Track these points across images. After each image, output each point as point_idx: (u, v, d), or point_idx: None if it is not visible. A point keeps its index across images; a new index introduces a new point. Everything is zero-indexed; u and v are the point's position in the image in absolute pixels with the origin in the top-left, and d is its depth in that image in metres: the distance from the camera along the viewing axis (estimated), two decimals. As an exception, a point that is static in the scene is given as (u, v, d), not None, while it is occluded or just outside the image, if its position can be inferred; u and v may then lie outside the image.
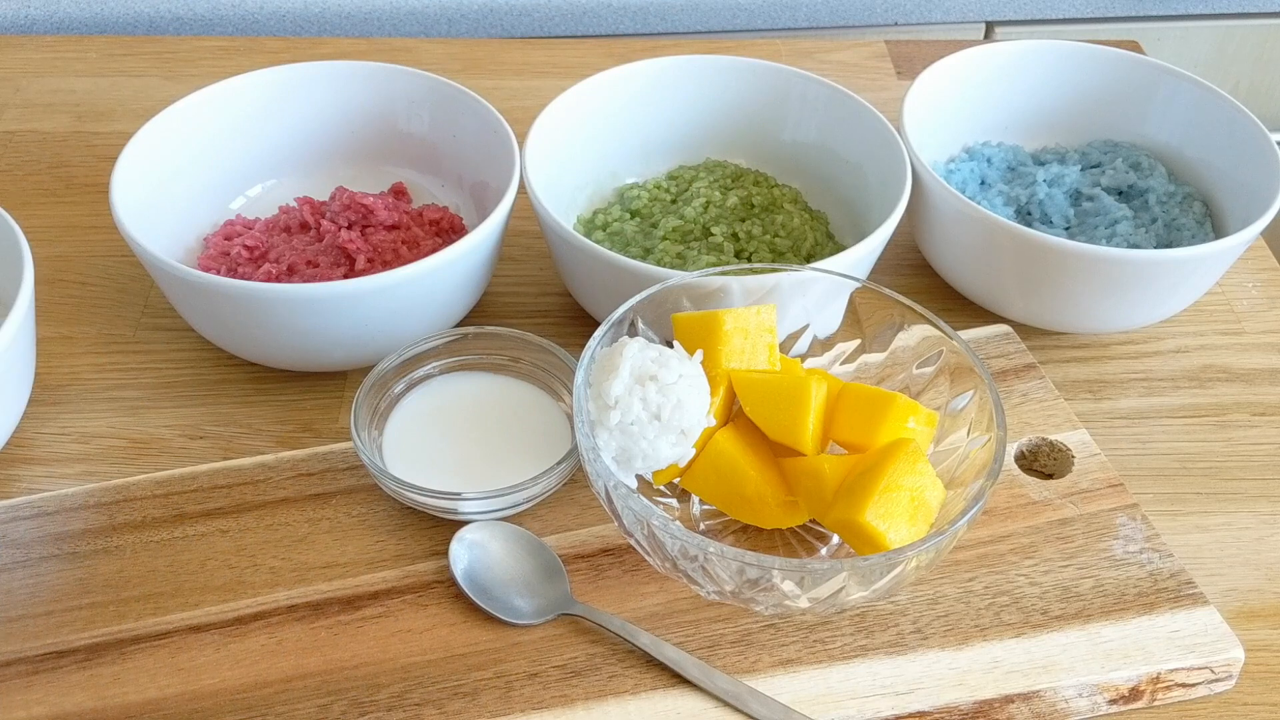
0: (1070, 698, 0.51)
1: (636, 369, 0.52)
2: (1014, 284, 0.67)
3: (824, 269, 0.59)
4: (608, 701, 0.50)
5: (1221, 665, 0.52)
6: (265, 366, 0.68)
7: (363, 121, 0.77)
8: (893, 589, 0.49)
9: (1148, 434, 0.66)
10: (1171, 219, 0.72)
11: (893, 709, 0.50)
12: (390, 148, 0.77)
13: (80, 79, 0.91)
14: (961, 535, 0.49)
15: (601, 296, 0.66)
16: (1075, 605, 0.54)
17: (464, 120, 0.73)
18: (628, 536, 0.51)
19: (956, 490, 0.52)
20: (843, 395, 0.54)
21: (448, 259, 0.61)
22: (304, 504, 0.58)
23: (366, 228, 0.70)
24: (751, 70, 0.77)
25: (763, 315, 0.56)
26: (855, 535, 0.50)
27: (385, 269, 0.66)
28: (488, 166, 0.71)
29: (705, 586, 0.50)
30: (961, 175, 0.75)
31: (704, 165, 0.76)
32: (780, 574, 0.47)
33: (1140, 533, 0.57)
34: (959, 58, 0.76)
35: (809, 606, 0.49)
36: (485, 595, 0.54)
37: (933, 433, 0.55)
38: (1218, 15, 1.19)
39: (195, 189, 0.72)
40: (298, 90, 0.75)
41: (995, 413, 0.52)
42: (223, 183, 0.75)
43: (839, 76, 0.84)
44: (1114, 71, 0.78)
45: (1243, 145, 0.72)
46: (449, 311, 0.66)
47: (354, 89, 0.76)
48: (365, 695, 0.50)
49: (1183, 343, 0.72)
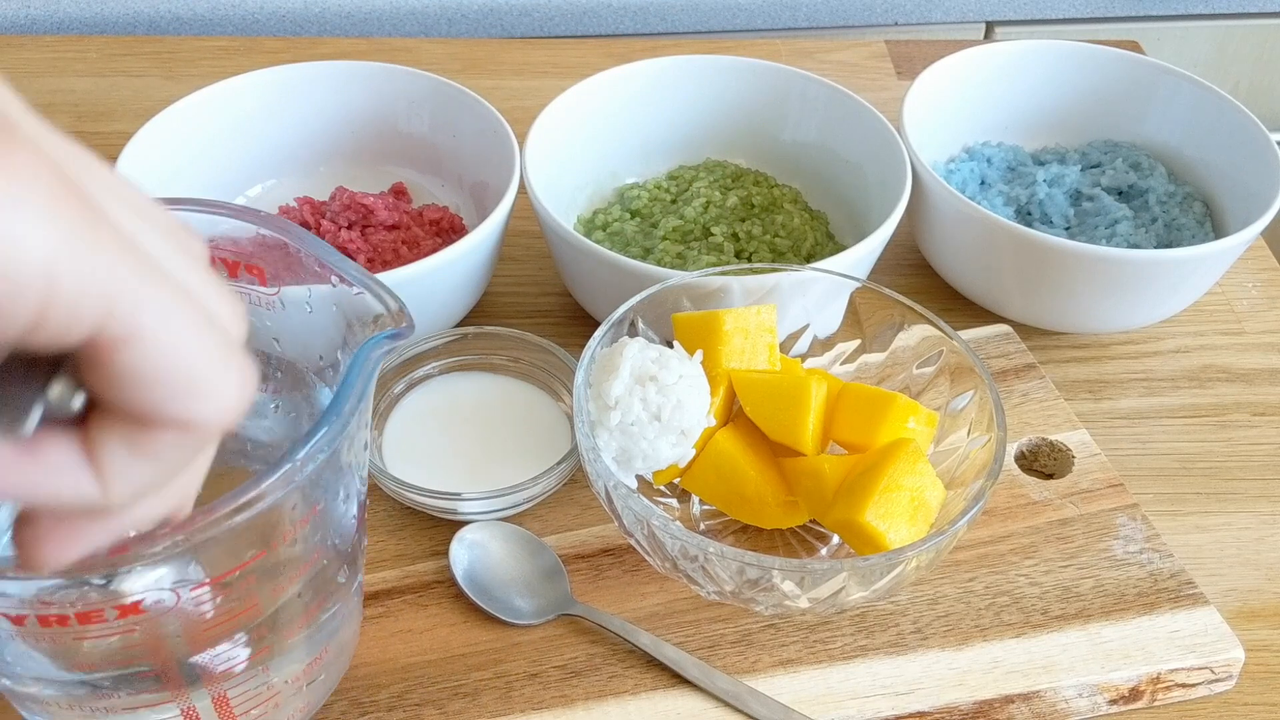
0: (1070, 698, 0.51)
1: (636, 369, 0.52)
2: (1014, 284, 0.67)
3: (823, 269, 0.59)
4: (608, 702, 0.50)
5: (1221, 665, 0.52)
6: (265, 366, 0.68)
7: (363, 122, 0.77)
8: (893, 589, 0.49)
9: (1148, 434, 0.66)
10: (1171, 219, 0.72)
11: (893, 709, 0.50)
12: (390, 148, 0.77)
13: (80, 79, 0.91)
14: (961, 535, 0.49)
15: (601, 296, 0.66)
16: (1075, 605, 0.54)
17: (464, 120, 0.73)
18: (628, 537, 0.51)
19: (957, 490, 0.52)
20: (843, 395, 0.54)
21: (448, 259, 0.61)
22: (304, 504, 0.58)
23: (366, 228, 0.70)
24: (751, 70, 0.77)
25: (763, 315, 0.56)
26: (855, 535, 0.50)
27: (385, 269, 0.66)
28: (487, 166, 0.71)
29: (705, 587, 0.50)
30: (961, 175, 0.75)
31: (704, 165, 0.76)
32: (780, 574, 0.47)
33: (1140, 533, 0.57)
34: (959, 58, 0.76)
35: (809, 607, 0.49)
36: (485, 595, 0.54)
37: (933, 433, 0.55)
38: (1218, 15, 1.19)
39: (195, 189, 0.72)
40: (297, 90, 0.75)
41: (995, 413, 0.52)
42: (222, 183, 0.75)
43: (839, 76, 0.84)
44: (1114, 71, 0.78)
45: (1243, 145, 0.72)
46: (449, 311, 0.66)
47: (354, 89, 0.76)
48: (365, 695, 0.50)
49: (1183, 343, 0.72)
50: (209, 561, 0.37)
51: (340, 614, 0.46)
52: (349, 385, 0.37)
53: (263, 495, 0.34)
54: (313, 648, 0.45)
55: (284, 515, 0.38)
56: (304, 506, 0.38)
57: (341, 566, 0.44)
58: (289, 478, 0.35)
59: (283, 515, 0.38)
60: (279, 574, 0.40)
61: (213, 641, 0.40)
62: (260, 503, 0.34)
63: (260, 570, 0.39)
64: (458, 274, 0.64)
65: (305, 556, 0.41)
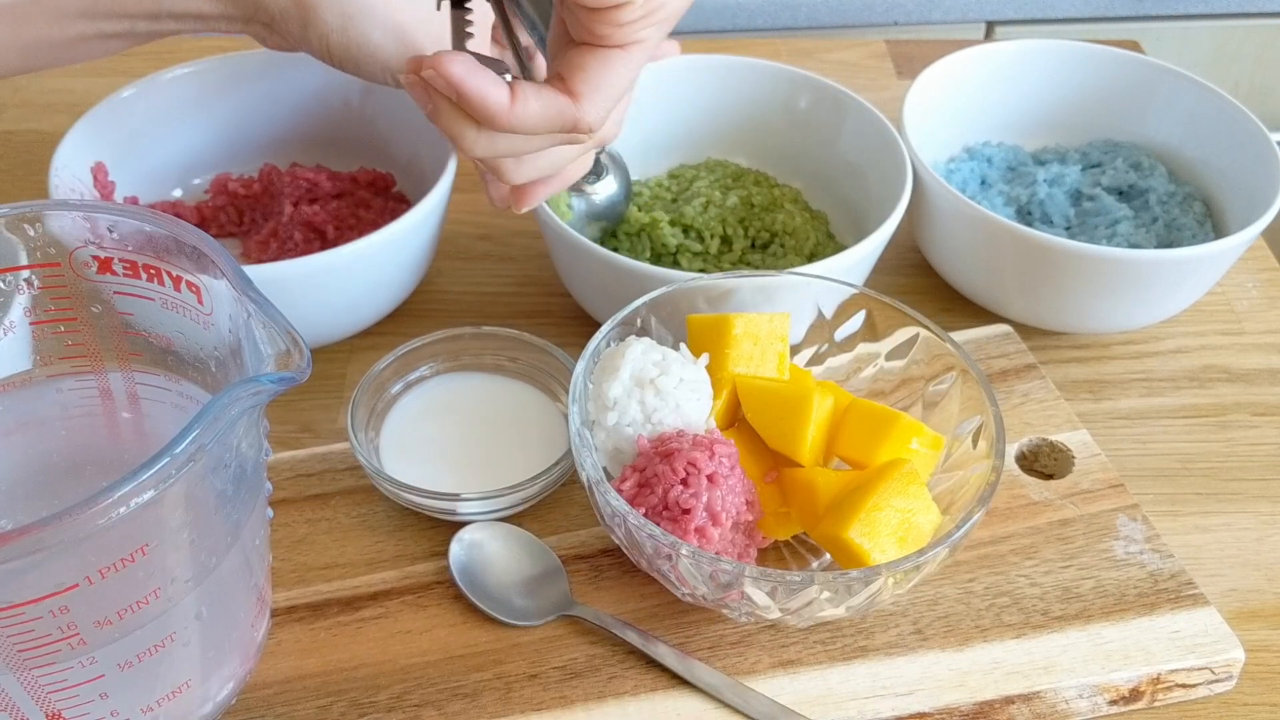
0: (1071, 698, 0.51)
1: (637, 372, 0.52)
2: (1014, 284, 0.67)
3: (823, 274, 0.59)
4: (607, 703, 0.50)
5: (1222, 666, 0.52)
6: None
7: (309, 110, 0.78)
8: (869, 607, 0.49)
9: (1148, 434, 0.66)
10: (1172, 219, 0.72)
11: (893, 710, 0.50)
12: (334, 138, 0.78)
13: (80, 79, 0.91)
14: (943, 560, 0.48)
15: (601, 297, 0.66)
16: (1076, 606, 0.54)
17: (402, 109, 0.74)
18: (611, 534, 0.51)
19: (953, 515, 0.51)
20: (850, 410, 0.54)
21: (438, 200, 0.65)
22: (303, 504, 0.58)
23: (315, 200, 0.73)
24: (751, 70, 0.77)
25: (775, 323, 0.56)
26: (840, 551, 0.50)
27: (356, 235, 0.68)
28: (420, 143, 0.73)
29: (679, 589, 0.50)
30: (962, 175, 0.75)
31: (704, 165, 0.76)
32: (751, 582, 0.46)
33: (1141, 533, 0.57)
34: (959, 58, 0.76)
35: (779, 618, 0.49)
36: (485, 596, 0.54)
37: (938, 455, 0.54)
38: (1218, 15, 1.19)
39: (134, 181, 0.73)
40: (240, 81, 0.76)
41: (996, 440, 0.51)
42: (164, 172, 0.76)
43: (839, 76, 0.84)
44: (1114, 71, 0.78)
45: (1243, 145, 0.72)
46: (424, 262, 0.69)
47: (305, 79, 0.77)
48: (365, 696, 0.50)
49: (1183, 343, 0.72)
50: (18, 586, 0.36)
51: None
52: (188, 430, 0.36)
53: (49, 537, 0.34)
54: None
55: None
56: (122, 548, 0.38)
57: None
58: (90, 520, 0.35)
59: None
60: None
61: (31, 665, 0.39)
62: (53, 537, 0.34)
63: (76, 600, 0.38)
64: (437, 221, 0.67)
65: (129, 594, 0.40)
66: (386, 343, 0.62)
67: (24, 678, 0.39)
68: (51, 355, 0.48)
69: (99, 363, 0.49)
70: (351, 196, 0.73)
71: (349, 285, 0.64)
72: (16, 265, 0.46)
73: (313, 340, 0.66)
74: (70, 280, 0.46)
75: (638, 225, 0.69)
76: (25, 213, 0.45)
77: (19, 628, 0.37)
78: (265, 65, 0.75)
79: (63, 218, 0.45)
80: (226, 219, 0.74)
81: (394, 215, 0.66)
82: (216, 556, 0.43)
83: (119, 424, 0.50)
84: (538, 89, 0.46)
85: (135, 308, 0.47)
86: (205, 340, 0.46)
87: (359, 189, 0.74)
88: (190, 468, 0.37)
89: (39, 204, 0.45)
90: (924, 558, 0.46)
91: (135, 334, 0.48)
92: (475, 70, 0.46)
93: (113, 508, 0.35)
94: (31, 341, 0.48)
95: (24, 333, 0.47)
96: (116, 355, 0.48)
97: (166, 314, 0.46)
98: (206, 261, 0.44)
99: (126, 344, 0.48)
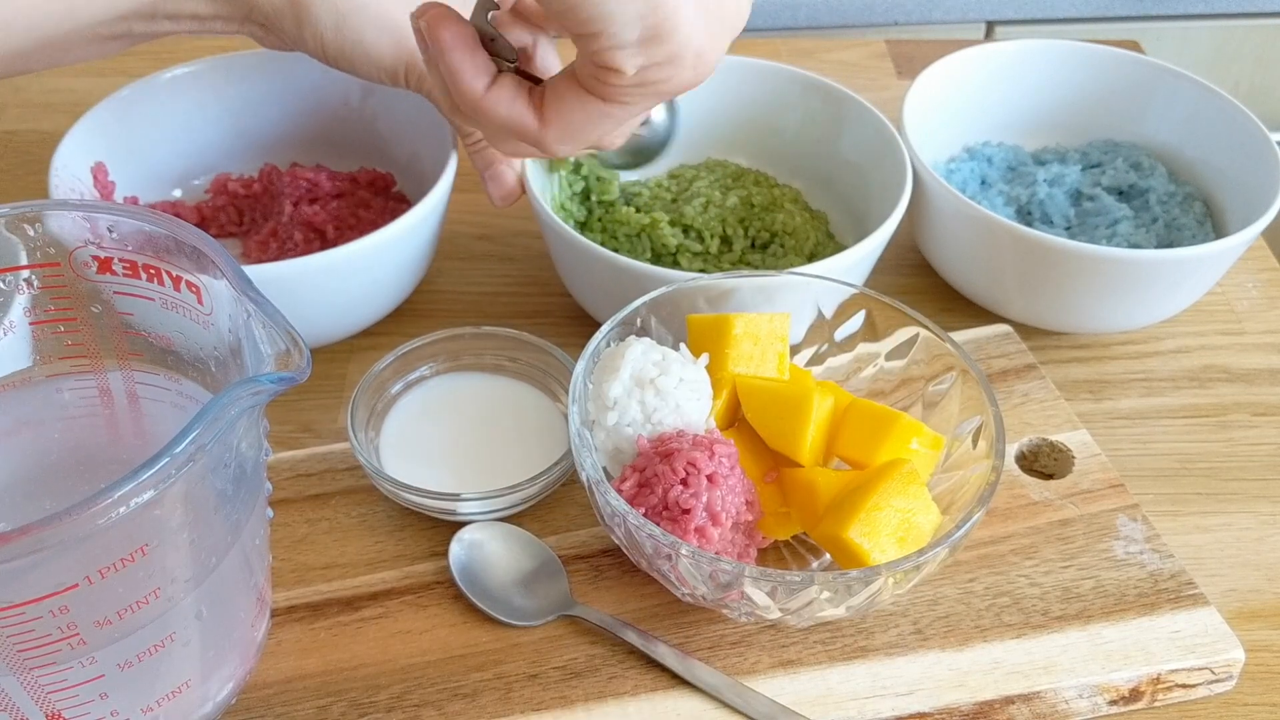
0: (1071, 699, 0.51)
1: (637, 372, 0.52)
2: (1014, 284, 0.67)
3: (823, 274, 0.59)
4: (607, 703, 0.50)
5: (1222, 666, 0.52)
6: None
7: (310, 110, 0.78)
8: (869, 607, 0.49)
9: (1148, 434, 0.66)
10: (1172, 219, 0.72)
11: (893, 710, 0.50)
12: (334, 138, 0.78)
13: (80, 79, 0.91)
14: (943, 560, 0.48)
15: (601, 297, 0.66)
16: (1076, 606, 0.53)
17: (402, 108, 0.74)
18: (611, 534, 0.51)
19: (953, 515, 0.51)
20: (850, 410, 0.54)
21: (438, 199, 0.65)
22: (303, 504, 0.58)
23: (315, 200, 0.73)
24: (751, 70, 0.77)
25: (775, 323, 0.56)
26: (840, 551, 0.50)
27: (356, 235, 0.68)
28: (421, 141, 0.73)
29: (679, 589, 0.50)
30: (962, 175, 0.75)
31: (704, 165, 0.76)
32: (751, 582, 0.46)
33: (1141, 533, 0.57)
34: (959, 58, 0.76)
35: (779, 618, 0.49)
36: (485, 596, 0.54)
37: (938, 455, 0.54)
38: (1218, 15, 1.19)
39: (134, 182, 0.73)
40: (240, 81, 0.76)
41: (996, 440, 0.51)
42: (163, 174, 0.76)
43: (839, 76, 0.84)
44: (1114, 71, 0.78)
45: (1243, 145, 0.72)
46: (425, 261, 0.69)
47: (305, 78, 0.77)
48: (364, 696, 0.50)
49: (1183, 343, 0.72)
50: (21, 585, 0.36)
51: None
52: (188, 430, 0.36)
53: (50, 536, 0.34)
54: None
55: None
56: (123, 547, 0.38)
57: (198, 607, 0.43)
58: (90, 520, 0.34)
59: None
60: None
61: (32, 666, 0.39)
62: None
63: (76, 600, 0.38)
64: (431, 227, 0.67)
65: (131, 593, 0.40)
66: (386, 343, 0.62)
67: (24, 678, 0.39)
68: (51, 355, 0.48)
69: (99, 362, 0.49)
70: (351, 196, 0.73)
71: (349, 285, 0.64)
72: (16, 265, 0.46)
73: (313, 340, 0.66)
74: (70, 280, 0.46)
75: (638, 225, 0.69)
76: (25, 212, 0.45)
77: (19, 628, 0.37)
78: (265, 65, 0.75)
79: (63, 218, 0.45)
80: (226, 219, 0.74)
81: (394, 215, 0.66)
82: (216, 556, 0.42)
83: (119, 424, 0.50)
84: (514, 97, 0.47)
85: (135, 308, 0.47)
86: (205, 340, 0.46)
87: (359, 189, 0.74)
88: (190, 468, 0.37)
89: (39, 204, 0.45)
90: (924, 558, 0.46)
91: (135, 334, 0.48)
92: (463, 44, 0.46)
93: (113, 508, 0.35)
94: (31, 341, 0.48)
95: (24, 332, 0.47)
96: (116, 355, 0.48)
97: (166, 314, 0.46)
98: (206, 261, 0.44)
99: (126, 344, 0.48)
